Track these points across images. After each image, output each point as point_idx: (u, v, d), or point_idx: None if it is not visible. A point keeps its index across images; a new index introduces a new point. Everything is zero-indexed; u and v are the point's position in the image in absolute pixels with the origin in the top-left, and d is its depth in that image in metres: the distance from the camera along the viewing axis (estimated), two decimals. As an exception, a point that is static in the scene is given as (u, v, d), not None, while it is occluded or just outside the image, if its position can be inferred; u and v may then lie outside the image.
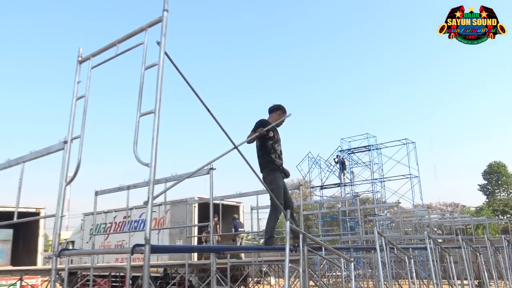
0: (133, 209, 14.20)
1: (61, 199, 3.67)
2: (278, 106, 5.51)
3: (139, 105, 3.29)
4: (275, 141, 5.26)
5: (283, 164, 5.31)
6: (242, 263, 12.09)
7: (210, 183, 6.19)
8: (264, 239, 5.35)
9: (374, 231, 6.02)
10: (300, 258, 4.41)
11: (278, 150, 5.27)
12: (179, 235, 13.54)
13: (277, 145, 5.28)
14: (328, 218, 25.96)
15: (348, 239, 15.76)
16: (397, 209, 16.36)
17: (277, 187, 5.14)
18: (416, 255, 12.91)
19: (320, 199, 22.09)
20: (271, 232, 5.29)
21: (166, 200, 8.50)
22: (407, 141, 23.40)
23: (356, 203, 16.13)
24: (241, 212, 15.31)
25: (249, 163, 4.87)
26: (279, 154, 5.26)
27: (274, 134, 5.27)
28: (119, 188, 8.30)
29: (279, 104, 5.53)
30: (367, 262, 14.30)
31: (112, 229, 15.57)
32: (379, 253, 5.86)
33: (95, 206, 8.63)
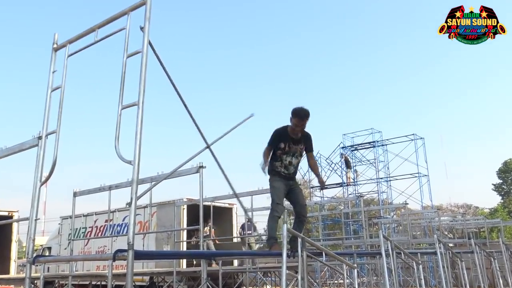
0: (116, 212, 14.16)
1: (35, 201, 3.66)
2: (292, 111, 5.37)
3: (121, 96, 3.29)
4: (284, 152, 5.44)
5: (290, 175, 5.51)
6: (235, 270, 12.12)
7: (200, 182, 6.20)
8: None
9: (380, 235, 6.05)
10: (299, 264, 4.43)
11: (286, 161, 5.45)
12: (166, 240, 13.54)
13: (287, 156, 5.45)
14: (329, 221, 26.06)
15: (351, 244, 15.85)
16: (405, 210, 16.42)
17: (273, 189, 5.43)
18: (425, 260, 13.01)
19: (320, 200, 22.15)
20: (270, 232, 5.41)
21: (151, 202, 8.48)
22: (415, 137, 23.48)
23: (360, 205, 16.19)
24: (234, 214, 15.34)
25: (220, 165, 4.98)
26: (286, 165, 5.46)
27: (285, 146, 5.42)
28: (100, 188, 8.29)
29: (293, 109, 5.37)
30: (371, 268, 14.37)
31: (92, 234, 15.54)
32: (385, 259, 5.89)
33: (73, 208, 8.62)
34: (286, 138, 5.40)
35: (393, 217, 23.30)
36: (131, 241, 2.88)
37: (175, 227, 12.21)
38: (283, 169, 5.46)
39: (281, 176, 5.45)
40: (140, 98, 3.07)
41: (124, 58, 3.34)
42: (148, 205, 11.60)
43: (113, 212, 13.23)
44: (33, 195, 3.68)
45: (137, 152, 2.97)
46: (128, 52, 3.34)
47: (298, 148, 5.49)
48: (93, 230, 15.78)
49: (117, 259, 2.96)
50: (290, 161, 5.46)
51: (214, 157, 5.28)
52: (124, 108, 3.23)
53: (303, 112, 5.29)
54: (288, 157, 5.45)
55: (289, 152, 5.45)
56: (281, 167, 5.45)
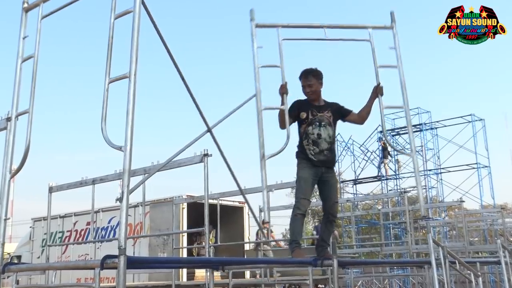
0: (100, 213, 14.31)
1: (4, 196, 3.73)
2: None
3: (108, 67, 3.32)
4: (309, 122, 5.33)
5: (323, 151, 5.29)
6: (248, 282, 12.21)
7: (204, 174, 6.22)
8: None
9: (429, 240, 6.05)
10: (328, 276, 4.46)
11: (314, 134, 5.29)
12: (162, 246, 13.66)
13: (313, 128, 5.31)
14: (364, 223, 26.06)
15: (391, 251, 15.85)
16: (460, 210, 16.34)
17: (298, 179, 5.32)
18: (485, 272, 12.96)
19: (353, 198, 22.13)
20: (291, 235, 5.38)
21: (144, 200, 8.55)
22: (473, 118, 23.22)
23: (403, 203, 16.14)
24: (246, 215, 15.39)
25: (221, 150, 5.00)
26: (314, 140, 5.28)
27: (307, 115, 5.34)
28: (82, 182, 8.38)
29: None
30: (418, 282, 14.40)
31: (71, 239, 15.73)
32: (435, 270, 5.89)
33: (49, 207, 8.72)
34: (306, 105, 5.39)
35: (444, 219, 23.22)
36: (122, 244, 2.91)
37: (174, 230, 12.27)
38: (312, 147, 5.26)
39: (310, 161, 5.26)
40: (132, 68, 3.09)
41: (112, 20, 3.37)
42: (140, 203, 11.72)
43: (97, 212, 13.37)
44: (1, 190, 3.75)
45: (128, 135, 2.99)
46: (116, 12, 3.36)
47: (325, 116, 5.35)
48: (72, 235, 15.97)
49: (105, 267, 2.98)
50: (319, 133, 5.27)
51: (216, 142, 5.29)
52: (112, 82, 3.27)
53: (303, 70, 5.47)
54: (315, 129, 5.29)
55: (314, 122, 5.31)
56: (309, 145, 5.29)
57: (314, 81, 5.38)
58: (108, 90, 3.27)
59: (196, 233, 15.00)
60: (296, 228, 5.35)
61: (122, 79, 3.15)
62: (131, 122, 3.01)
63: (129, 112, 3.01)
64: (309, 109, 5.35)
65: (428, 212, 22.95)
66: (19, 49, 3.87)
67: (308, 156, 5.27)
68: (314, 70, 5.47)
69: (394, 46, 5.26)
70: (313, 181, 5.30)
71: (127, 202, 2.97)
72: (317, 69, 5.49)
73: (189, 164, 6.56)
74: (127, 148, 2.97)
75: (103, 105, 3.26)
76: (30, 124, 3.68)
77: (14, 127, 3.77)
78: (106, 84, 3.26)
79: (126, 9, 3.28)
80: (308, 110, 5.34)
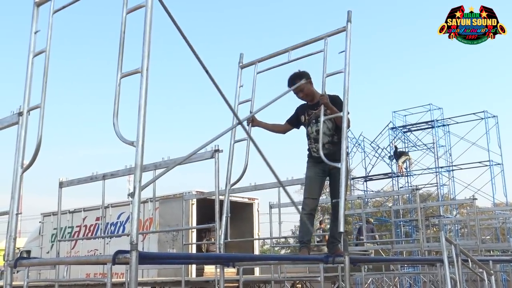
0: (110, 208, 14.39)
1: (16, 191, 3.75)
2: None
3: (120, 62, 3.33)
4: (307, 124, 5.65)
5: (325, 145, 5.29)
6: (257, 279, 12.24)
7: (215, 170, 6.20)
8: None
9: (441, 237, 6.02)
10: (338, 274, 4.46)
11: (312, 132, 5.57)
12: (171, 242, 13.72)
13: (311, 127, 5.60)
14: (375, 221, 25.99)
15: (402, 249, 15.78)
16: (472, 208, 16.25)
17: (305, 179, 5.67)
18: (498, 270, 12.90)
19: (364, 195, 22.08)
20: (298, 236, 5.45)
21: (154, 195, 8.57)
22: (486, 115, 23.08)
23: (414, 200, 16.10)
24: (256, 211, 15.42)
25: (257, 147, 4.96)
26: (314, 137, 5.51)
27: (304, 117, 5.66)
28: (92, 177, 8.40)
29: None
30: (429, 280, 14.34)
31: (81, 235, 15.81)
32: (447, 268, 5.87)
33: (59, 202, 8.73)
34: (303, 108, 5.72)
35: (456, 216, 23.12)
36: (134, 240, 2.93)
37: (183, 226, 12.30)
38: (314, 145, 5.51)
39: (313, 159, 5.54)
40: (144, 64, 3.10)
41: (124, 14, 3.38)
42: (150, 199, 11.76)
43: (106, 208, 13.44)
44: (13, 184, 3.77)
45: (140, 130, 3.00)
46: (128, 7, 3.37)
47: (317, 113, 5.41)
48: (81, 230, 16.05)
49: (117, 262, 3.00)
50: (317, 129, 5.39)
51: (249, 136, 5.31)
52: (124, 77, 3.28)
53: (288, 79, 5.67)
54: (313, 127, 5.58)
55: (311, 120, 5.60)
56: (311, 144, 5.59)
57: (302, 84, 5.53)
58: (120, 85, 3.29)
59: (206, 229, 15.08)
60: (301, 228, 5.57)
61: (134, 74, 3.16)
62: (143, 117, 3.03)
63: (141, 107, 3.03)
64: (305, 111, 5.66)
65: (439, 210, 22.90)
66: (31, 44, 3.88)
67: (312, 155, 5.56)
68: (298, 74, 5.63)
69: (344, 49, 4.95)
70: (319, 178, 5.51)
71: (139, 197, 2.98)
72: (300, 71, 5.66)
73: (199, 160, 6.56)
74: (139, 143, 2.99)
75: (115, 100, 3.28)
76: (41, 119, 3.71)
77: (26, 121, 3.79)
78: (118, 79, 3.28)
79: (139, 4, 3.29)
80: (305, 112, 5.67)
